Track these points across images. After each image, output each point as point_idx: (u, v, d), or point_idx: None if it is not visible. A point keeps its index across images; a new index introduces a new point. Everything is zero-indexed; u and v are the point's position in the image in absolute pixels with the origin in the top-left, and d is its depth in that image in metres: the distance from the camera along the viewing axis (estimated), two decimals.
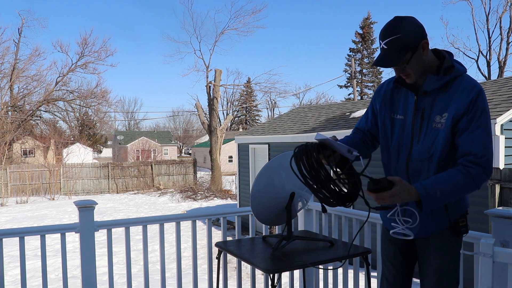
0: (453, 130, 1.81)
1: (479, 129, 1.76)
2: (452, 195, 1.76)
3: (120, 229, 3.13)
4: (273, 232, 7.14)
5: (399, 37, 1.75)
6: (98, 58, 36.10)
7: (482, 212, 2.45)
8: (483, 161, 1.74)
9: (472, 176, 1.73)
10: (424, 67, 1.85)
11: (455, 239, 1.95)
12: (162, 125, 77.85)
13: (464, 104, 1.78)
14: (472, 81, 1.84)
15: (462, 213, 1.94)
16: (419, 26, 1.79)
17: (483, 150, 1.74)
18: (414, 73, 1.85)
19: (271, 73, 57.64)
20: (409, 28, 1.76)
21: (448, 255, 1.93)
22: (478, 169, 1.74)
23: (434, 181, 1.74)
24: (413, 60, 1.80)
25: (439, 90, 1.86)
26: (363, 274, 3.37)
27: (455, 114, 1.79)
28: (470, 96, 1.78)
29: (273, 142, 10.77)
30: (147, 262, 3.01)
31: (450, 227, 1.93)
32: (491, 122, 5.70)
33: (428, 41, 1.81)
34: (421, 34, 1.79)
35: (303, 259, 2.43)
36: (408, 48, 1.77)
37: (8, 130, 28.17)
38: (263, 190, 2.64)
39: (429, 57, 1.86)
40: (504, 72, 28.70)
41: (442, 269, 1.93)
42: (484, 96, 1.82)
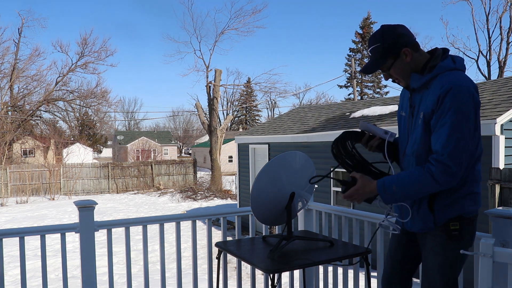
0: (428, 127, 1.86)
1: (444, 127, 1.77)
2: (410, 190, 1.83)
3: (120, 229, 3.12)
4: (273, 232, 7.14)
5: (379, 45, 1.91)
6: (98, 58, 36.15)
7: (482, 212, 2.46)
8: (444, 158, 1.76)
9: (431, 173, 1.78)
10: (410, 71, 1.93)
11: (448, 242, 1.92)
12: (162, 125, 77.94)
13: (432, 102, 1.83)
14: (449, 78, 1.82)
15: (452, 216, 1.90)
16: (402, 35, 1.91)
17: (445, 148, 1.76)
18: (401, 78, 1.96)
19: (271, 73, 57.51)
20: (390, 37, 1.90)
21: (440, 256, 1.94)
22: (438, 167, 1.77)
23: (395, 177, 1.85)
24: (396, 66, 1.92)
25: (423, 88, 1.92)
26: (363, 274, 3.37)
27: (426, 112, 1.86)
28: (438, 93, 1.81)
29: (273, 142, 10.77)
30: (147, 262, 3.01)
31: (441, 228, 1.92)
32: (491, 122, 5.70)
33: (410, 49, 1.91)
34: (402, 43, 1.90)
35: (303, 259, 2.43)
36: (389, 55, 1.91)
37: (8, 130, 28.16)
38: (263, 190, 2.64)
39: (418, 60, 1.93)
40: (504, 72, 28.70)
41: (433, 270, 1.95)
42: (458, 93, 1.77)
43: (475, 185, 1.94)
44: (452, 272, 1.96)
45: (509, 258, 1.59)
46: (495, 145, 5.69)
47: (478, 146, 1.93)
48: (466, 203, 1.91)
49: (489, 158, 5.73)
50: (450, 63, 1.89)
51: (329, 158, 9.35)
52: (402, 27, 1.95)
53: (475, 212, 1.97)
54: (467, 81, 1.83)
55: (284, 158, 2.67)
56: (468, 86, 1.81)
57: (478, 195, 1.96)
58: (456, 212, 1.90)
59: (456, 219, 1.90)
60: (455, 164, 1.76)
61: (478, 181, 1.96)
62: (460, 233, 1.91)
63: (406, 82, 1.98)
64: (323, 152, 9.01)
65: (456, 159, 1.76)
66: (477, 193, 1.96)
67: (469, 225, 1.95)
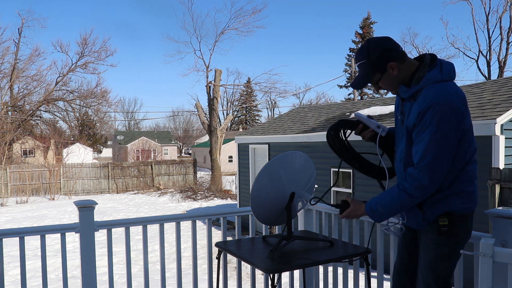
0: (411, 139, 1.95)
1: (422, 142, 1.85)
2: (392, 208, 1.96)
3: (120, 229, 3.13)
4: (273, 232, 7.14)
5: (365, 62, 1.97)
6: (98, 58, 36.14)
7: (482, 212, 2.46)
8: (416, 172, 1.85)
9: (405, 189, 1.89)
10: (398, 82, 1.98)
11: (438, 238, 1.97)
12: (162, 125, 77.93)
13: (414, 117, 1.89)
14: (432, 94, 1.85)
15: (441, 212, 1.95)
16: (387, 50, 1.94)
17: (419, 162, 1.85)
18: (391, 89, 2.03)
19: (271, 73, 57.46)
20: (376, 53, 1.94)
21: (431, 252, 2.00)
22: (411, 182, 1.87)
23: (379, 198, 1.98)
24: (383, 79, 1.98)
25: (411, 98, 1.97)
26: (363, 274, 3.37)
27: (408, 125, 1.94)
28: (420, 108, 1.86)
29: (273, 142, 10.77)
30: (147, 262, 3.01)
31: (432, 225, 1.98)
32: (491, 122, 5.70)
33: (396, 62, 1.94)
34: (388, 58, 1.93)
35: (303, 259, 2.43)
36: (376, 70, 1.96)
37: (8, 130, 28.15)
38: (263, 190, 2.64)
39: (406, 71, 1.96)
40: (504, 72, 28.71)
41: (425, 265, 2.03)
42: (438, 109, 1.81)
43: (466, 184, 1.97)
44: (443, 268, 1.99)
45: (509, 258, 1.59)
46: (495, 145, 5.69)
47: (470, 146, 1.96)
48: (456, 201, 1.95)
49: (489, 158, 5.73)
50: (437, 74, 1.90)
51: (329, 158, 9.33)
52: (387, 41, 1.97)
53: (469, 210, 1.99)
54: (451, 94, 1.86)
55: (284, 158, 2.67)
56: (450, 100, 1.83)
57: (471, 193, 1.99)
58: (444, 209, 1.95)
59: (445, 215, 1.95)
60: (426, 178, 1.84)
61: (470, 180, 1.99)
62: (450, 229, 1.95)
63: (396, 91, 2.04)
64: (323, 152, 9.01)
65: (428, 174, 1.84)
66: (469, 191, 1.98)
67: (461, 222, 1.97)
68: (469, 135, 1.95)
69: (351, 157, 2.24)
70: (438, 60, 1.96)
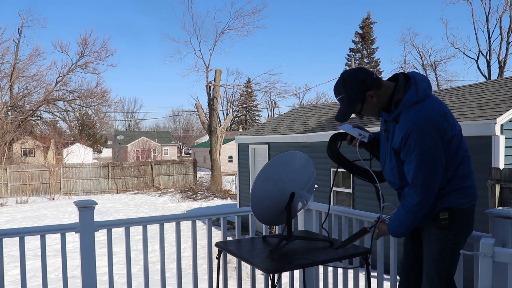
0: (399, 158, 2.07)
1: (411, 164, 1.96)
2: (409, 226, 2.06)
3: (120, 229, 3.13)
4: (273, 232, 7.14)
5: (344, 96, 2.07)
6: (98, 58, 36.10)
7: (482, 212, 2.46)
8: (414, 191, 1.97)
9: (408, 208, 2.01)
10: (379, 108, 2.10)
11: (440, 232, 2.04)
12: (162, 125, 77.93)
13: (399, 141, 2.01)
14: (411, 117, 1.94)
15: (442, 207, 2.02)
16: (363, 81, 2.03)
17: (413, 182, 1.97)
18: (373, 116, 2.15)
19: (271, 73, 57.51)
20: (353, 86, 2.04)
21: (433, 246, 2.07)
22: (410, 200, 2.00)
23: (395, 223, 2.10)
24: (365, 108, 2.09)
25: (394, 121, 2.08)
26: (363, 274, 3.37)
27: (395, 148, 2.06)
28: (402, 134, 1.97)
29: (273, 142, 10.77)
30: (147, 262, 3.01)
31: (434, 220, 2.05)
32: (491, 122, 5.69)
33: (374, 90, 2.04)
34: (365, 88, 2.03)
35: (303, 259, 2.43)
36: (356, 102, 2.07)
37: (8, 130, 28.14)
38: (263, 190, 2.64)
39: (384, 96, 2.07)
40: (504, 72, 28.70)
41: (428, 259, 2.09)
42: (419, 132, 1.91)
43: (462, 181, 2.06)
44: (446, 262, 2.04)
45: (509, 258, 1.59)
46: (495, 145, 5.69)
47: (458, 149, 2.03)
48: (455, 196, 2.04)
49: (489, 158, 5.73)
50: (413, 96, 1.98)
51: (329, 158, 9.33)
52: (361, 71, 2.07)
53: (468, 204, 2.06)
54: (429, 113, 1.94)
55: (284, 158, 2.67)
56: (429, 119, 1.92)
57: (468, 188, 2.06)
58: (444, 204, 2.03)
59: (445, 210, 2.02)
60: (422, 195, 1.96)
61: (466, 177, 2.07)
62: (451, 224, 2.02)
63: (378, 116, 2.17)
64: (323, 152, 9.00)
65: (424, 191, 1.96)
66: (466, 186, 2.06)
67: (461, 216, 2.04)
68: (456, 140, 2.03)
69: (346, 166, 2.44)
70: (412, 80, 2.03)
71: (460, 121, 6.20)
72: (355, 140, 2.37)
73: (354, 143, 2.37)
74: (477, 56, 30.61)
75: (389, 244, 2.82)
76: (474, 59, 37.40)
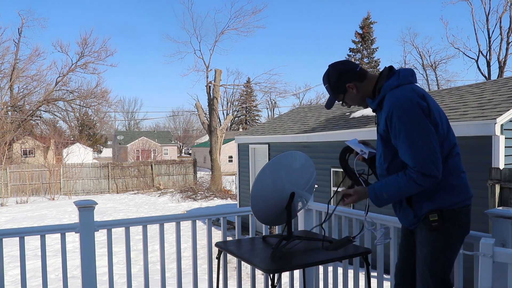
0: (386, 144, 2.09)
1: (404, 144, 1.96)
2: (399, 195, 2.04)
3: (120, 229, 3.13)
4: (273, 232, 7.14)
5: (328, 86, 2.26)
6: (98, 58, 36.12)
7: (482, 212, 2.45)
8: (419, 169, 1.93)
9: (414, 180, 1.97)
10: (362, 98, 2.21)
11: (431, 234, 2.02)
12: (162, 125, 77.95)
13: (383, 124, 2.05)
14: (392, 98, 2.00)
15: (432, 208, 2.00)
16: (344, 73, 2.18)
17: (414, 161, 1.94)
18: (357, 105, 2.26)
19: (271, 73, 57.55)
20: (334, 78, 2.20)
21: (425, 248, 2.05)
22: (417, 174, 1.95)
23: (383, 185, 2.07)
24: (346, 98, 2.24)
25: (378, 108, 2.16)
26: (363, 274, 3.37)
27: (381, 132, 2.10)
28: (385, 115, 2.02)
29: (273, 142, 10.77)
30: (147, 262, 3.01)
31: (424, 221, 2.03)
32: (491, 122, 5.70)
33: (355, 82, 2.17)
34: (345, 80, 2.18)
35: (303, 259, 2.43)
36: (338, 92, 2.23)
37: (8, 130, 28.13)
38: (263, 190, 2.64)
39: (367, 87, 2.18)
40: (504, 72, 28.70)
41: (420, 261, 2.09)
42: (401, 111, 1.94)
43: (450, 178, 2.02)
44: (439, 264, 2.02)
45: (509, 258, 1.59)
46: (495, 145, 5.69)
47: (444, 141, 2.01)
48: (444, 196, 2.01)
49: (489, 158, 5.73)
50: (394, 81, 2.06)
51: (329, 158, 9.32)
52: (344, 64, 2.22)
53: (460, 204, 2.02)
54: (409, 92, 1.98)
55: (284, 158, 2.67)
56: (409, 97, 1.96)
57: (458, 187, 2.03)
58: (434, 205, 2.01)
59: (435, 211, 2.00)
60: (430, 169, 1.92)
61: (454, 173, 2.03)
62: (441, 225, 1.99)
63: (364, 106, 2.27)
64: (323, 152, 9.01)
65: (428, 165, 1.92)
66: (455, 185, 2.02)
67: (454, 217, 2.01)
68: (441, 130, 2.01)
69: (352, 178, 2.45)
70: (396, 70, 2.12)
71: (460, 121, 6.19)
72: (359, 155, 2.43)
73: (359, 158, 2.43)
74: (477, 56, 30.62)
75: (389, 244, 2.82)
76: (474, 59, 37.42)
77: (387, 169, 2.13)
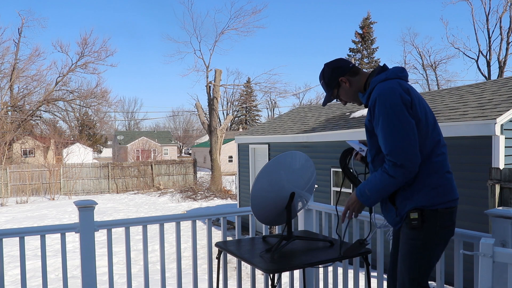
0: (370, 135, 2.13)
1: (381, 132, 2.00)
2: (379, 190, 2.05)
3: (120, 229, 3.13)
4: (273, 232, 7.13)
5: (323, 82, 2.35)
6: (98, 58, 36.11)
7: (482, 212, 2.46)
8: (390, 157, 1.96)
9: (386, 171, 1.99)
10: (355, 92, 2.26)
11: (410, 232, 2.02)
12: (162, 125, 77.95)
13: (368, 114, 2.11)
14: (377, 89, 2.04)
15: (413, 206, 1.99)
16: (336, 68, 2.27)
17: (387, 149, 1.97)
18: (351, 100, 2.31)
19: (271, 73, 57.61)
20: (328, 73, 2.30)
21: (404, 245, 2.06)
22: (389, 164, 1.97)
23: (365, 183, 2.12)
24: (340, 93, 2.30)
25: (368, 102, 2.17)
26: (363, 274, 3.37)
27: (367, 120, 2.13)
28: (370, 105, 2.08)
29: (273, 142, 10.77)
30: (147, 262, 3.01)
31: (405, 220, 2.03)
32: (491, 122, 5.70)
33: (347, 76, 2.24)
34: (338, 74, 2.26)
35: (303, 259, 2.43)
36: (332, 87, 2.30)
37: (8, 130, 28.13)
38: (263, 190, 2.64)
39: (359, 82, 2.24)
40: (504, 72, 28.70)
41: (400, 259, 2.10)
42: (383, 100, 1.98)
43: (434, 177, 2.00)
44: (415, 263, 2.01)
45: (509, 258, 1.59)
46: (495, 145, 5.69)
47: (426, 138, 2.00)
48: (426, 195, 1.99)
49: (489, 158, 5.73)
50: (382, 75, 2.10)
51: (329, 158, 9.31)
52: (337, 61, 2.30)
53: (443, 205, 1.99)
54: (393, 84, 2.01)
55: (284, 158, 2.67)
56: (392, 89, 1.99)
57: (442, 186, 2.00)
58: (414, 204, 2.00)
59: (415, 210, 1.99)
60: (400, 158, 1.93)
61: (438, 173, 2.01)
62: (421, 224, 1.98)
63: (358, 102, 2.30)
64: (323, 152, 9.01)
65: (399, 155, 1.93)
66: (439, 184, 2.00)
67: (435, 218, 1.98)
68: (424, 126, 2.00)
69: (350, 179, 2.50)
70: (387, 67, 2.17)
71: (460, 121, 6.19)
72: (358, 155, 2.44)
73: (357, 157, 2.45)
74: (477, 56, 30.63)
75: (389, 244, 2.82)
76: (474, 59, 37.45)
77: (373, 162, 2.17)
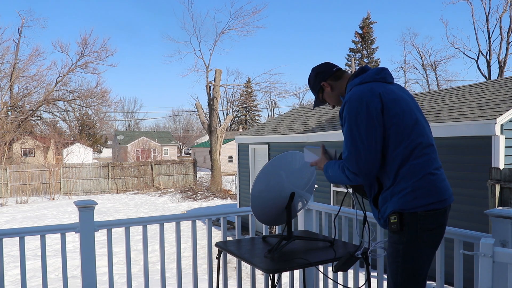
0: None
1: (344, 137, 2.07)
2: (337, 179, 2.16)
3: (120, 229, 3.13)
4: (273, 232, 7.13)
5: (310, 87, 2.42)
6: (98, 58, 36.09)
7: (482, 212, 2.46)
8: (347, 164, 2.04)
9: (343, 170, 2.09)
10: (337, 96, 2.31)
11: (392, 235, 2.01)
12: (162, 125, 77.97)
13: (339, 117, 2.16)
14: (346, 97, 2.08)
15: (392, 210, 1.96)
16: (319, 73, 2.33)
17: (345, 155, 2.06)
18: (336, 104, 2.37)
19: (271, 73, 57.64)
20: (312, 79, 2.37)
21: (389, 248, 2.06)
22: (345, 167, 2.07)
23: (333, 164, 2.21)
24: (325, 96, 2.35)
25: None
26: (363, 274, 3.37)
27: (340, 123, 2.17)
28: (339, 110, 2.13)
29: (273, 142, 10.77)
30: (147, 262, 3.01)
31: (387, 223, 2.03)
32: (491, 122, 5.70)
33: (329, 81, 2.29)
34: (320, 79, 2.32)
35: (303, 259, 2.43)
36: (316, 90, 2.37)
37: (8, 130, 28.14)
38: (263, 190, 2.64)
39: (341, 86, 2.27)
40: (504, 72, 28.72)
41: (387, 263, 2.10)
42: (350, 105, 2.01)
43: (411, 179, 1.93)
44: (396, 267, 1.99)
45: (509, 258, 1.59)
46: (495, 145, 5.69)
47: (402, 142, 1.95)
48: (404, 198, 1.93)
49: (489, 158, 5.73)
50: (357, 79, 2.13)
51: None
52: (323, 65, 2.35)
53: (424, 207, 1.92)
54: (363, 90, 2.01)
55: (284, 158, 2.67)
56: (361, 95, 2.00)
57: (421, 189, 1.92)
58: (393, 207, 1.97)
59: (394, 213, 1.96)
60: (353, 167, 2.01)
61: (417, 175, 1.93)
62: (401, 228, 1.95)
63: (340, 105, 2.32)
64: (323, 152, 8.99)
65: (353, 164, 2.00)
66: (418, 187, 1.92)
67: (416, 221, 1.92)
68: (400, 131, 1.95)
69: None
70: (369, 69, 2.17)
71: (460, 121, 6.19)
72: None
73: None
74: (477, 56, 30.64)
75: None
76: (474, 59, 37.49)
77: None
